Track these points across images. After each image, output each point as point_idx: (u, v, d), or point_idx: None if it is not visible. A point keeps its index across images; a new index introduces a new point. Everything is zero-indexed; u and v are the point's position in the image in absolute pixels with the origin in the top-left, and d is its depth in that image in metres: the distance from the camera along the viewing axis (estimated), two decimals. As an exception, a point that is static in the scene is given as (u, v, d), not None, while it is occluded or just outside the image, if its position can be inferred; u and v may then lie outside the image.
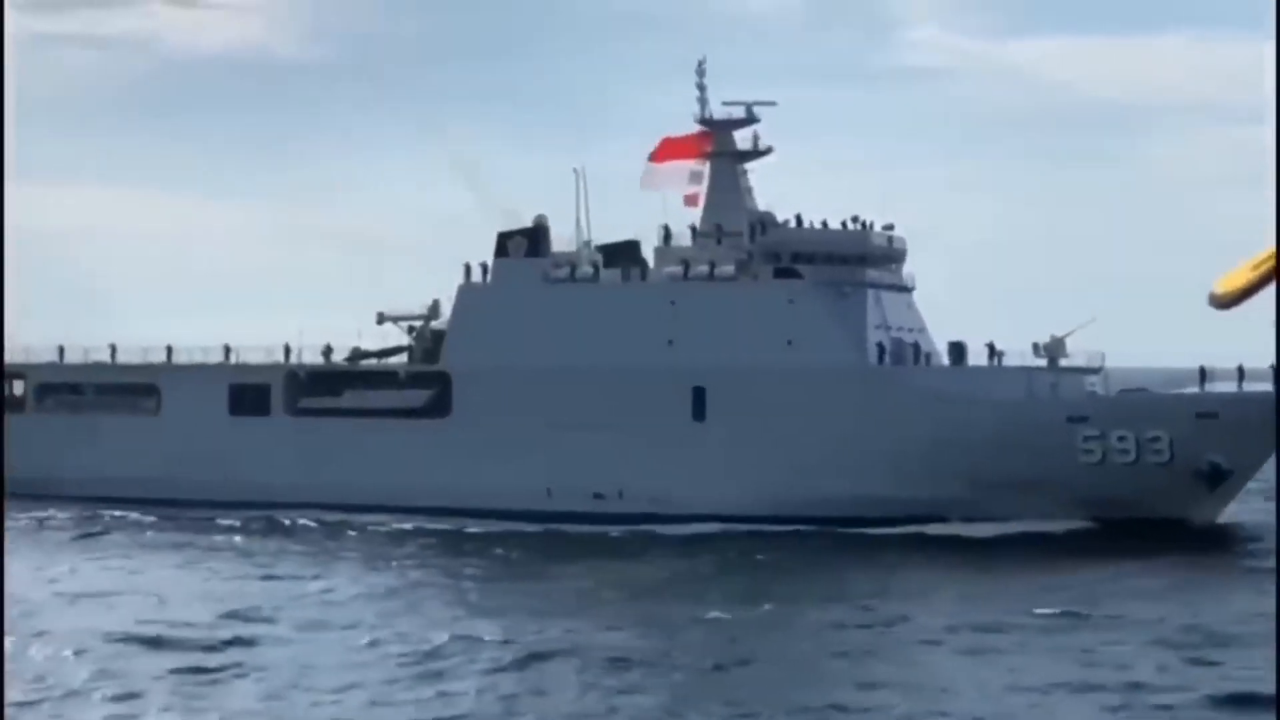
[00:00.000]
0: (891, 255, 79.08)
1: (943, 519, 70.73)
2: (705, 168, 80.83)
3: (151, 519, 76.89)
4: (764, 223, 77.35)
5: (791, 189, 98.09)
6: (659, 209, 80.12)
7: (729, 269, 76.19)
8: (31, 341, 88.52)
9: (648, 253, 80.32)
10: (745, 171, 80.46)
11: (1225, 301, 71.64)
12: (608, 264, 79.19)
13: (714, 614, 50.15)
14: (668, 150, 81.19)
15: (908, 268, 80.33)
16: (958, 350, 76.62)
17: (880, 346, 74.78)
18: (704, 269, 76.33)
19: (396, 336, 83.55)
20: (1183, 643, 45.11)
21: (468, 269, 79.80)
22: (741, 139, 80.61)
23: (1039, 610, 50.08)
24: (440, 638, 45.73)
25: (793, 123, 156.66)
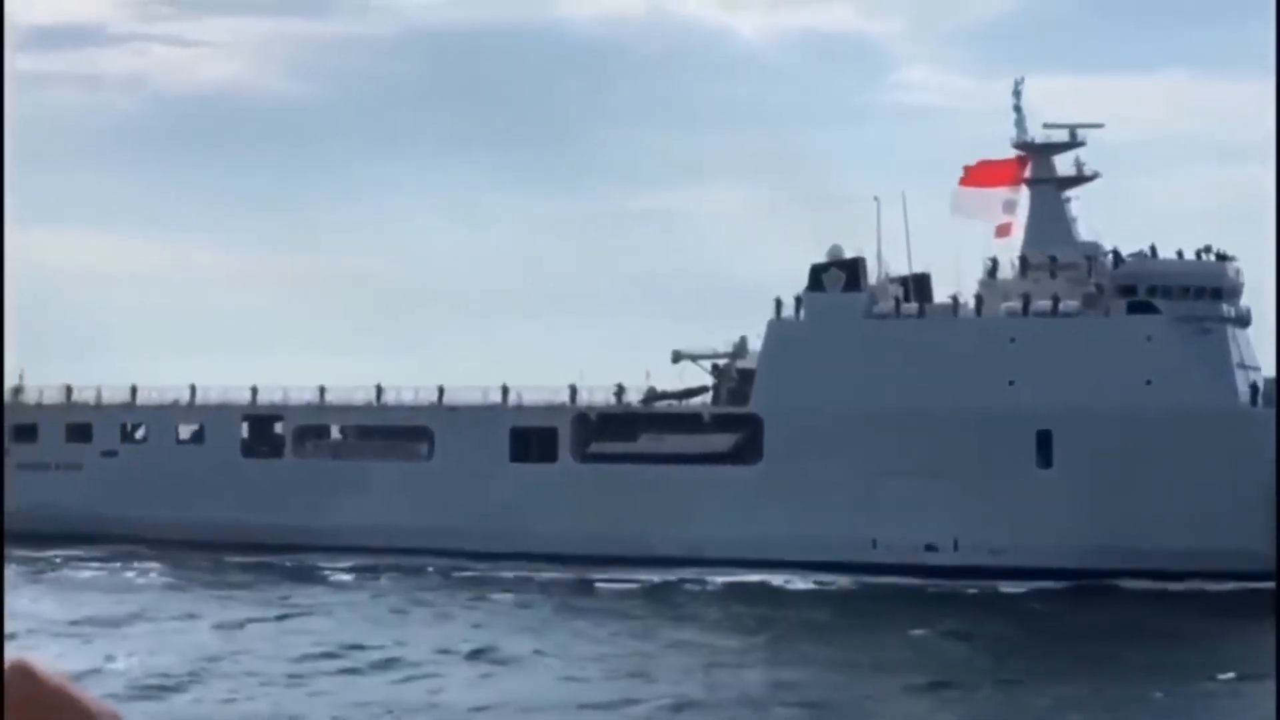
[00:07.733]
0: (1237, 289, 73.36)
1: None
2: (1020, 194, 75.51)
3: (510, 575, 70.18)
4: (1115, 254, 71.55)
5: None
6: (936, 239, 75.26)
7: (1074, 303, 70.45)
8: (288, 384, 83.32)
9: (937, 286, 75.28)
10: (1069, 199, 75.00)
11: None
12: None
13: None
14: (979, 176, 75.82)
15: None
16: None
17: (1253, 386, 68.92)
18: (1045, 304, 70.60)
19: (689, 376, 78.19)
20: None
21: (779, 304, 74.19)
22: (1063, 164, 75.33)
23: None
24: None
25: (801, 157, 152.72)
